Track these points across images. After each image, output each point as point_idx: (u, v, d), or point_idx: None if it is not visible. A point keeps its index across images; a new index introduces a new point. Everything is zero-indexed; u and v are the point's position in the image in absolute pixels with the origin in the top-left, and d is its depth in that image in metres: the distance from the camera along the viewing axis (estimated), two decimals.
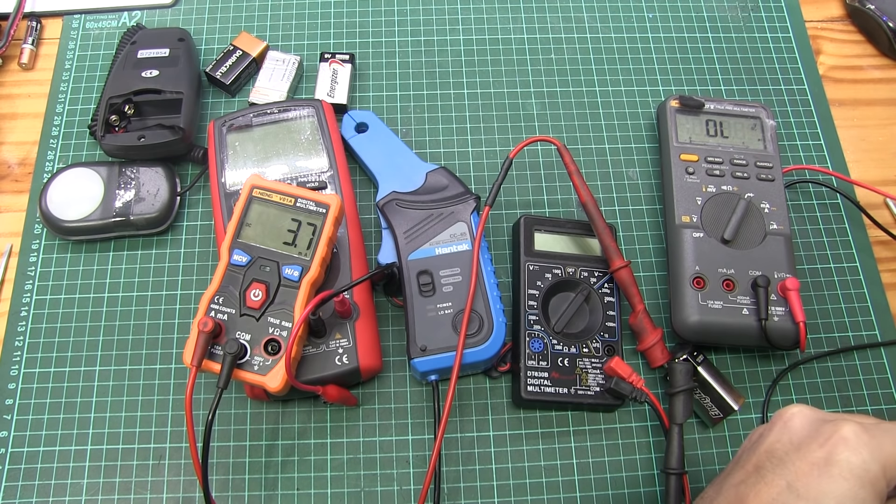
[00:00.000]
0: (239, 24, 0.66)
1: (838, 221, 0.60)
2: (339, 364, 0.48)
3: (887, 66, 0.67)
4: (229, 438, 0.51)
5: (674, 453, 0.48)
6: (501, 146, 0.61)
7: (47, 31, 0.66)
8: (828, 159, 0.62)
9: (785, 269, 0.52)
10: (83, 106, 0.62)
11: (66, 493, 0.49)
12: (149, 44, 0.61)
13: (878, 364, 0.54)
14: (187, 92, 0.57)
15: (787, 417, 0.37)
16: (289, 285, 0.46)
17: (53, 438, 0.50)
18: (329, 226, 0.48)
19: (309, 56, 0.64)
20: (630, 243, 0.58)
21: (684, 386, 0.49)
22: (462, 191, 0.54)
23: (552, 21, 0.67)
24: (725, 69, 0.66)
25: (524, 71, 0.65)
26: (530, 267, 0.53)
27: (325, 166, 0.55)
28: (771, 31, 0.68)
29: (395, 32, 0.66)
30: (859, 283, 0.57)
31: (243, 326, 0.45)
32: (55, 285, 0.55)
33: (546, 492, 0.50)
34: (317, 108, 0.57)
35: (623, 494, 0.50)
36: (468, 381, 0.53)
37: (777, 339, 0.50)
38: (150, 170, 0.57)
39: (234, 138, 0.56)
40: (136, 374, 0.52)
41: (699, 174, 0.55)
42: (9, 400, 0.52)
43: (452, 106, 0.63)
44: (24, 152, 0.61)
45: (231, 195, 0.53)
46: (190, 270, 0.56)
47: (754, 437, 0.38)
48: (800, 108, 0.64)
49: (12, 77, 0.64)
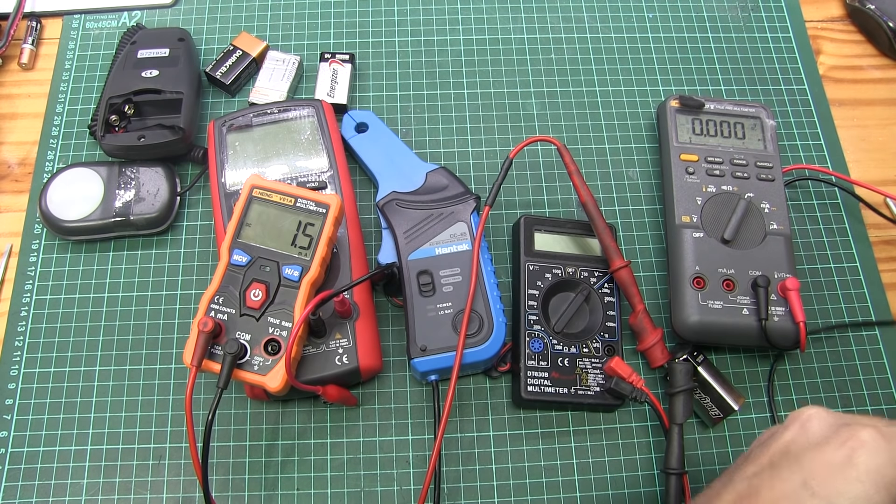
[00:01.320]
0: (239, 24, 0.66)
1: (838, 221, 0.60)
2: (339, 364, 0.48)
3: (887, 66, 0.67)
4: (229, 438, 0.51)
5: (674, 453, 0.48)
6: (501, 146, 0.61)
7: (47, 31, 0.66)
8: (828, 159, 0.62)
9: (785, 269, 0.52)
10: (83, 106, 0.62)
11: (66, 493, 0.49)
12: (149, 44, 0.61)
13: (879, 364, 0.54)
14: (187, 92, 0.57)
15: (804, 418, 0.37)
16: (289, 285, 0.46)
17: (53, 438, 0.50)
18: (329, 226, 0.48)
19: (309, 56, 0.64)
20: (630, 243, 0.58)
21: (684, 386, 0.49)
22: (462, 191, 0.54)
23: (552, 21, 0.67)
24: (725, 69, 0.66)
25: (524, 71, 0.65)
26: (530, 267, 0.53)
27: (325, 166, 0.55)
28: (771, 31, 0.68)
29: (395, 32, 0.66)
30: (859, 283, 0.57)
31: (243, 326, 0.45)
32: (55, 285, 0.55)
33: (546, 492, 0.50)
34: (317, 108, 0.57)
35: (623, 494, 0.50)
36: (468, 381, 0.53)
37: (777, 339, 0.50)
38: (150, 170, 0.57)
39: (234, 138, 0.56)
40: (136, 374, 0.52)
41: (699, 174, 0.55)
42: (9, 400, 0.52)
43: (452, 106, 0.63)
44: (24, 152, 0.61)
45: (231, 195, 0.53)
46: (190, 270, 0.56)
47: (766, 436, 0.38)
48: (800, 108, 0.64)
49: (12, 77, 0.64)
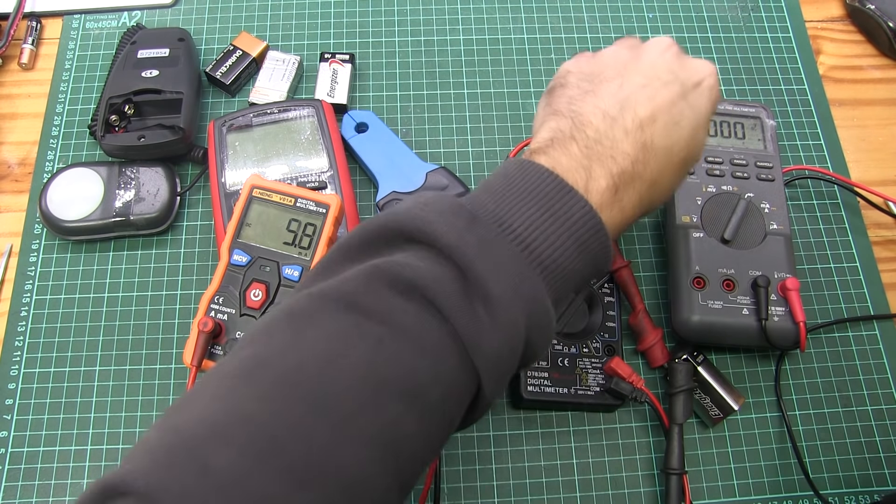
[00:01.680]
0: (239, 24, 0.66)
1: (838, 221, 0.60)
2: None
3: (887, 66, 0.67)
4: None
5: (674, 453, 0.48)
6: (501, 146, 0.61)
7: (47, 31, 0.66)
8: (828, 159, 0.62)
9: (785, 269, 0.52)
10: (83, 106, 0.62)
11: (67, 493, 0.49)
12: (149, 44, 0.61)
13: (879, 364, 0.54)
14: (187, 92, 0.57)
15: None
16: (289, 285, 0.46)
17: (53, 438, 0.50)
18: (329, 226, 0.48)
19: (309, 56, 0.64)
20: (630, 243, 0.58)
21: (684, 386, 0.49)
22: (462, 191, 0.54)
23: (552, 21, 0.67)
24: (725, 69, 0.66)
25: (524, 71, 0.65)
26: None
27: (325, 166, 0.55)
28: (771, 31, 0.68)
29: (395, 32, 0.66)
30: (859, 283, 0.57)
31: (243, 326, 0.45)
32: (55, 285, 0.55)
33: (546, 492, 0.50)
34: (317, 108, 0.57)
35: (623, 494, 0.50)
36: None
37: (777, 339, 0.50)
38: (150, 170, 0.57)
39: (234, 138, 0.56)
40: (136, 374, 0.52)
41: (699, 174, 0.55)
42: (9, 400, 0.52)
43: (452, 106, 0.63)
44: (24, 152, 0.61)
45: (231, 195, 0.53)
46: (190, 270, 0.56)
47: None
48: (800, 108, 0.64)
49: (12, 77, 0.64)
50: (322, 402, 0.27)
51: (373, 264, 0.31)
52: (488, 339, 0.30)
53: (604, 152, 0.35)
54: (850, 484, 0.51)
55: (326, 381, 0.28)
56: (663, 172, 0.37)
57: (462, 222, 0.31)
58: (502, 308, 0.30)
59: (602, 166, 0.34)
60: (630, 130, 0.35)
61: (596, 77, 0.38)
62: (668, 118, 0.36)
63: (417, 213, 0.32)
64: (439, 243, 0.31)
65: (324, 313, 0.30)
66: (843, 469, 0.51)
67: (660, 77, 0.37)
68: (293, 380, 0.28)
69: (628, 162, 0.35)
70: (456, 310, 0.30)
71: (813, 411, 0.53)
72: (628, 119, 0.35)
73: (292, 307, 0.31)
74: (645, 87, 0.36)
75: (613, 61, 0.38)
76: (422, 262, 0.31)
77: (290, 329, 0.30)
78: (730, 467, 0.51)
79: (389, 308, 0.30)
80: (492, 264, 0.31)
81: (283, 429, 0.27)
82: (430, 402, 0.29)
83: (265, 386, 0.28)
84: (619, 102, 0.36)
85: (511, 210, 0.33)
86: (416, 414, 0.29)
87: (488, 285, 0.30)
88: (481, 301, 0.30)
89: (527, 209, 0.33)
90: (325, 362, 0.28)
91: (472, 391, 0.31)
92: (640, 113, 0.36)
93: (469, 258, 0.30)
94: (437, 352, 0.30)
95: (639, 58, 0.38)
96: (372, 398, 0.28)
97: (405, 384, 0.29)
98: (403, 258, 0.31)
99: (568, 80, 0.39)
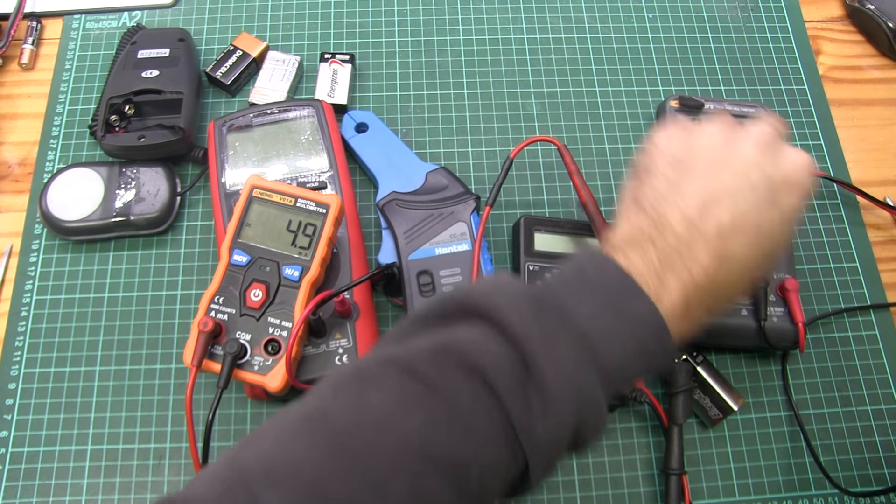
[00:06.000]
0: (239, 24, 0.66)
1: (838, 222, 0.60)
2: (339, 364, 0.48)
3: (887, 66, 0.67)
4: (229, 438, 0.51)
5: (674, 453, 0.48)
6: (501, 146, 0.61)
7: (47, 32, 0.66)
8: (827, 159, 0.62)
9: (784, 269, 0.52)
10: (83, 106, 0.62)
11: (67, 493, 0.49)
12: (149, 44, 0.61)
13: (878, 364, 0.54)
14: (187, 92, 0.57)
15: None
16: (289, 285, 0.46)
17: (53, 438, 0.51)
18: (329, 226, 0.48)
19: (309, 56, 0.64)
20: None
21: (684, 386, 0.49)
22: (462, 191, 0.54)
23: (552, 21, 0.67)
24: (725, 69, 0.66)
25: (524, 71, 0.65)
26: (530, 267, 0.53)
27: (325, 166, 0.55)
28: (771, 31, 0.68)
29: (395, 32, 0.66)
30: (859, 283, 0.57)
31: (243, 326, 0.46)
32: (55, 285, 0.55)
33: (546, 492, 0.50)
34: (317, 108, 0.57)
35: (623, 494, 0.50)
36: None
37: (776, 339, 0.50)
38: (150, 170, 0.57)
39: (234, 138, 0.56)
40: (136, 374, 0.52)
41: None
42: (9, 400, 0.52)
43: (452, 106, 0.63)
44: (25, 152, 0.61)
45: (231, 195, 0.53)
46: (190, 270, 0.56)
47: None
48: (800, 108, 0.64)
49: (12, 77, 0.64)
50: (369, 464, 0.29)
51: (443, 341, 0.32)
52: (540, 430, 0.31)
53: (679, 262, 0.34)
54: (850, 484, 0.51)
55: (378, 444, 0.30)
56: (738, 285, 0.36)
57: (529, 310, 0.33)
58: (557, 404, 0.31)
59: (676, 277, 0.34)
60: (710, 239, 0.34)
61: (684, 167, 0.37)
62: (750, 228, 0.35)
63: (490, 291, 0.34)
64: (509, 330, 0.32)
65: (389, 380, 0.32)
66: (843, 469, 0.51)
67: (749, 177, 0.36)
68: (348, 438, 0.30)
69: (703, 275, 0.34)
70: (511, 397, 0.31)
71: (813, 411, 0.53)
72: (709, 225, 0.35)
73: (361, 369, 0.33)
74: (731, 190, 0.35)
75: (706, 150, 0.37)
76: (489, 344, 0.32)
77: (356, 390, 0.32)
78: (729, 467, 0.51)
79: (450, 385, 0.31)
80: (553, 358, 0.32)
81: (329, 481, 0.29)
82: (470, 480, 0.31)
83: (321, 439, 0.30)
84: (703, 204, 0.35)
85: (577, 301, 0.34)
86: (454, 491, 0.30)
87: (546, 379, 0.31)
88: (537, 392, 0.31)
89: (592, 302, 0.34)
90: (380, 427, 0.30)
91: (517, 473, 0.33)
92: (722, 219, 0.35)
93: (531, 349, 0.32)
94: (487, 434, 0.31)
95: (731, 148, 0.37)
96: (417, 468, 0.30)
97: (451, 462, 0.30)
98: (473, 336, 0.32)
99: (656, 165, 0.38)
